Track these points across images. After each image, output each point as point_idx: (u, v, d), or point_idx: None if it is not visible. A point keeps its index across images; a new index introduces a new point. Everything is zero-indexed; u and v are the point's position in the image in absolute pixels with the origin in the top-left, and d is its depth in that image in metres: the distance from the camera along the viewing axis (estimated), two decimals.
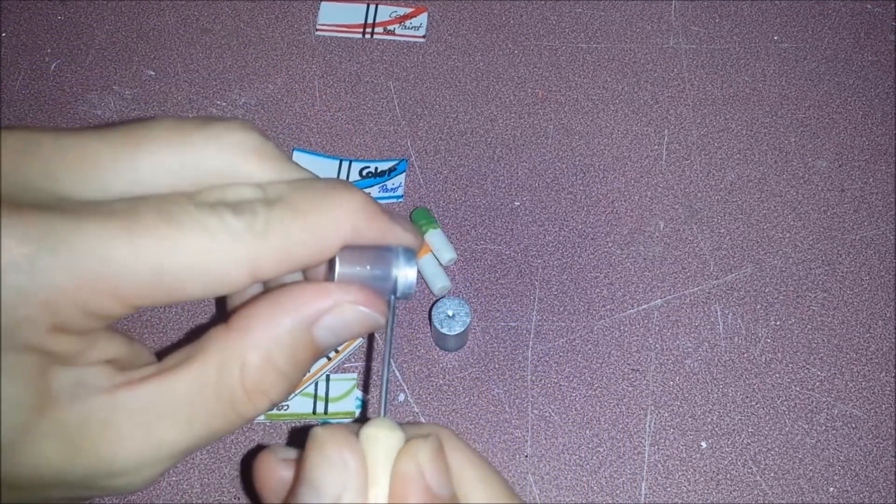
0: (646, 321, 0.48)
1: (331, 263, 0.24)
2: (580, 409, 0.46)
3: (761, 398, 0.46)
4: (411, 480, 0.23)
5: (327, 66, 0.55)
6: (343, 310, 0.23)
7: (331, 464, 0.22)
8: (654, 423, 0.45)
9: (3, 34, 0.56)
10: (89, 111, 0.54)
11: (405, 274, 0.25)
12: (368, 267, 0.25)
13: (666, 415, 0.46)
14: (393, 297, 0.25)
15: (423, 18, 0.57)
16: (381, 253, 0.25)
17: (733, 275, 0.49)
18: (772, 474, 0.44)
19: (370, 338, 0.47)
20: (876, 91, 0.55)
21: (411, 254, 0.26)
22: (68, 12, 0.57)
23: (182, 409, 0.22)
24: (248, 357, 0.23)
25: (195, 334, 0.48)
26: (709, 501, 0.44)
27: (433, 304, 0.45)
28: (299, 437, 0.45)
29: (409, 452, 0.23)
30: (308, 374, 0.46)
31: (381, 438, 0.24)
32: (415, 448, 0.24)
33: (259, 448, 0.45)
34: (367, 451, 0.24)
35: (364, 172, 0.51)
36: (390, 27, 0.56)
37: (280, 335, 0.23)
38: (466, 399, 0.46)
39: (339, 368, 0.47)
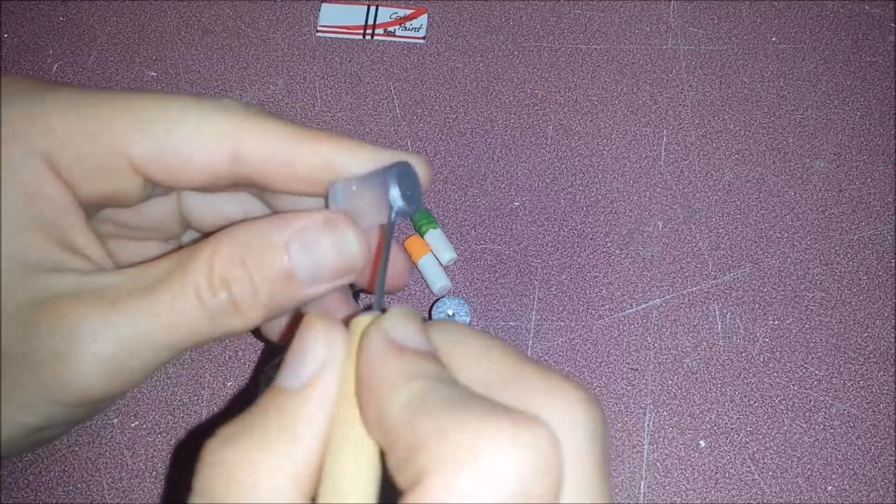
0: (644, 321, 0.48)
1: (325, 199, 0.25)
2: None
3: (760, 397, 0.46)
4: (374, 337, 0.21)
5: (328, 67, 0.56)
6: (314, 226, 0.23)
7: (316, 340, 0.21)
8: (653, 422, 0.46)
9: (5, 35, 0.57)
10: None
11: (392, 193, 0.24)
12: (359, 195, 0.24)
13: (665, 414, 0.46)
14: (391, 215, 0.24)
15: (423, 20, 0.57)
16: (371, 178, 0.24)
17: (732, 274, 0.49)
18: (770, 473, 0.45)
19: None
20: (875, 92, 0.55)
21: (402, 170, 0.24)
22: (70, 13, 0.58)
23: (144, 289, 0.22)
24: (220, 248, 0.23)
25: None
26: (707, 500, 0.44)
27: (433, 304, 0.45)
28: None
29: (376, 320, 0.22)
30: None
31: (367, 321, 0.22)
32: (381, 316, 0.22)
33: None
34: (352, 335, 0.22)
35: None
36: (390, 28, 0.57)
37: (254, 240, 0.23)
38: None
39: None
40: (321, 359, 0.21)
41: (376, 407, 0.19)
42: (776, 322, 0.48)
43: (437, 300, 0.45)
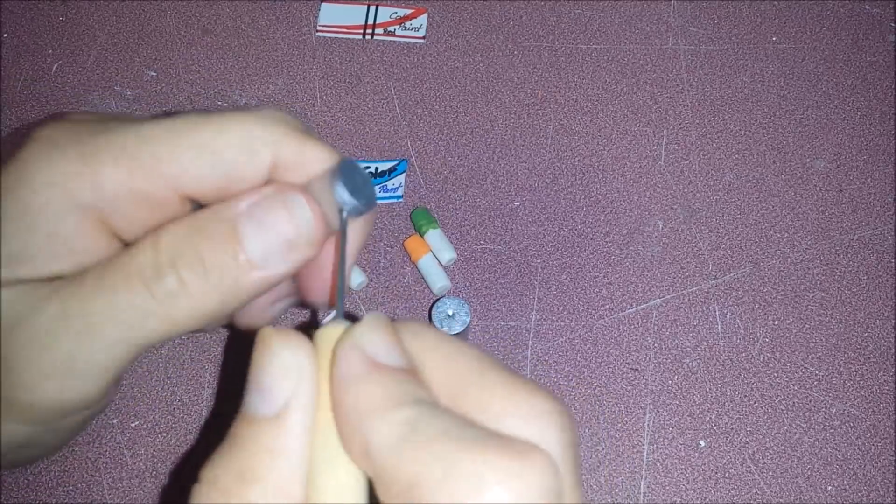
0: (644, 321, 0.48)
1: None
2: (579, 408, 0.46)
3: (760, 397, 0.46)
4: (349, 355, 0.20)
5: (328, 66, 0.56)
6: (266, 198, 0.22)
7: (279, 365, 0.20)
8: (653, 422, 0.46)
9: (5, 35, 0.57)
10: (91, 112, 0.54)
11: (339, 192, 0.22)
12: (319, 197, 0.23)
13: (665, 414, 0.46)
14: (342, 215, 0.23)
15: (423, 19, 0.57)
16: (319, 182, 0.23)
17: (732, 274, 0.49)
18: (770, 473, 0.45)
19: None
20: (875, 92, 0.55)
21: (344, 168, 0.23)
22: (69, 13, 0.57)
23: (90, 279, 0.21)
24: (168, 228, 0.22)
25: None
26: (707, 500, 0.44)
27: (433, 304, 0.45)
28: None
29: (347, 334, 0.20)
30: None
31: (335, 335, 0.21)
32: (352, 328, 0.21)
33: None
34: (319, 350, 0.20)
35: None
36: (390, 28, 0.57)
37: (203, 219, 0.22)
38: None
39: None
40: (290, 385, 0.20)
41: (361, 437, 0.18)
42: (776, 322, 0.48)
43: (437, 300, 0.45)
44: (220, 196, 0.23)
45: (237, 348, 0.47)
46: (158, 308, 0.21)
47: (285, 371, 0.20)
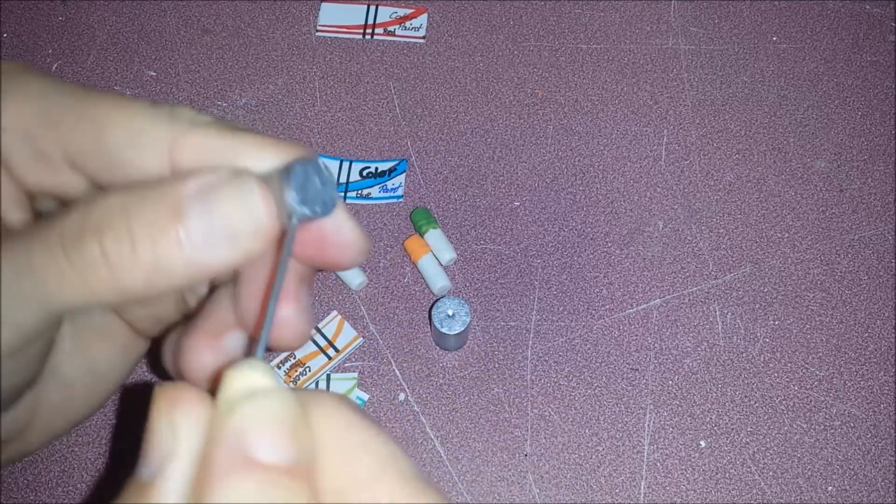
0: (645, 321, 0.48)
1: None
2: (580, 409, 0.46)
3: (760, 397, 0.46)
4: (222, 446, 0.17)
5: (328, 66, 0.55)
6: (211, 179, 0.20)
7: (157, 426, 0.19)
8: (654, 423, 0.46)
9: (4, 35, 0.57)
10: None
11: (289, 196, 0.20)
12: (274, 193, 0.21)
13: (665, 414, 0.46)
14: (290, 220, 0.20)
15: (423, 19, 0.57)
16: (270, 181, 0.21)
17: (732, 274, 0.49)
18: (770, 473, 0.45)
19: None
20: (875, 92, 0.55)
21: (298, 166, 0.20)
22: (69, 13, 0.57)
23: (10, 242, 0.20)
24: (106, 194, 0.20)
25: None
26: (708, 500, 0.44)
27: (433, 304, 0.45)
28: None
29: (233, 407, 0.18)
30: (309, 374, 0.46)
31: (239, 389, 0.18)
32: (244, 401, 0.18)
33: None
34: (221, 403, 0.18)
35: (364, 172, 0.52)
36: (390, 28, 0.57)
37: (147, 188, 0.20)
38: (466, 398, 0.46)
39: (340, 368, 0.47)
40: (166, 448, 0.18)
41: None
42: (776, 322, 0.48)
43: (437, 300, 0.45)
44: (112, 180, 0.22)
45: None
46: (75, 275, 0.19)
47: (161, 433, 0.18)
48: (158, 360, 0.26)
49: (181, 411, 0.19)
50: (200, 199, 0.19)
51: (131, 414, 0.46)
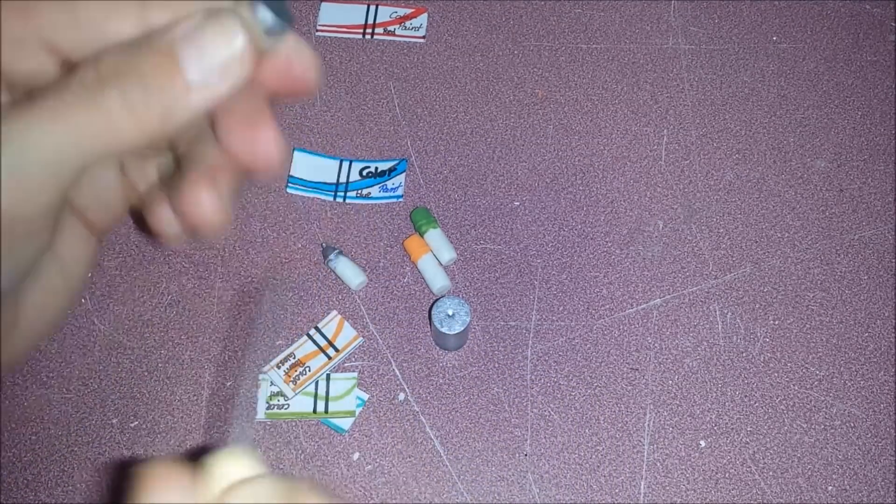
0: (645, 321, 0.48)
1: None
2: (579, 408, 0.46)
3: (760, 397, 0.46)
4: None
5: (328, 66, 0.55)
6: (195, 23, 0.22)
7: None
8: (654, 422, 0.46)
9: None
10: None
11: (262, 15, 0.23)
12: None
13: (665, 414, 0.46)
14: (269, 39, 0.24)
15: (423, 19, 0.57)
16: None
17: (732, 274, 0.49)
18: (770, 473, 0.45)
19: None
20: (875, 91, 0.55)
21: None
22: None
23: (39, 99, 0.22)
24: (105, 53, 0.22)
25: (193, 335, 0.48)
26: (708, 500, 0.44)
27: (433, 304, 0.45)
28: (290, 435, 0.45)
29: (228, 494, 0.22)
30: (308, 374, 0.46)
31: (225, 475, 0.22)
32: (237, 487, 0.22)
33: (258, 449, 0.45)
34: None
35: (364, 172, 0.52)
36: (390, 28, 0.57)
37: (137, 41, 0.22)
38: (466, 398, 0.46)
39: (340, 368, 0.47)
40: None
41: None
42: (776, 322, 0.48)
43: (437, 300, 0.45)
44: (89, 53, 0.24)
45: (236, 349, 0.47)
46: (103, 121, 0.22)
47: None
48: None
49: (165, 489, 0.21)
50: (191, 43, 0.22)
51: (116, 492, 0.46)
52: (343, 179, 0.51)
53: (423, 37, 0.56)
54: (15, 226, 0.22)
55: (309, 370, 0.46)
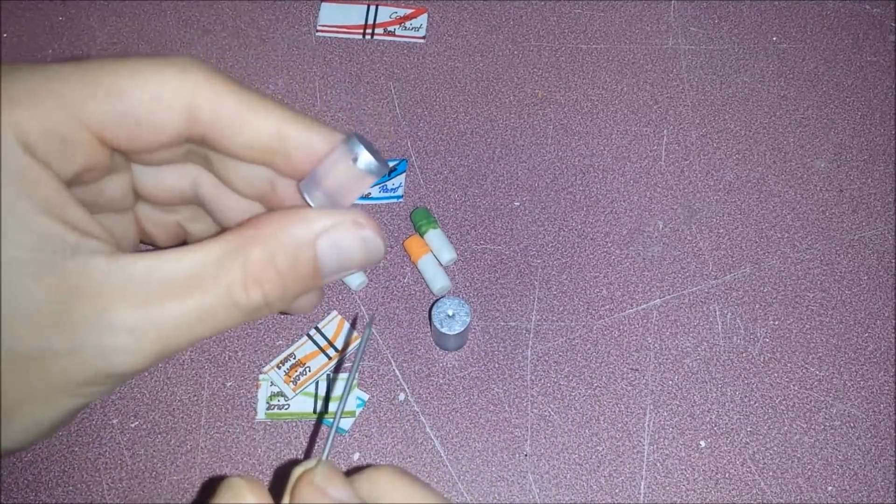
0: (645, 321, 0.48)
1: (301, 194, 0.26)
2: (579, 409, 0.46)
3: (760, 397, 0.46)
4: (305, 490, 0.25)
5: (328, 66, 0.56)
6: (344, 228, 0.24)
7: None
8: (654, 423, 0.46)
9: (4, 35, 0.57)
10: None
11: (360, 156, 0.25)
12: (328, 175, 0.25)
13: (665, 414, 0.46)
14: (358, 169, 0.25)
15: (423, 19, 0.57)
16: (334, 154, 0.25)
17: (732, 275, 0.49)
18: (770, 473, 0.45)
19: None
20: (875, 92, 0.55)
21: (352, 139, 0.25)
22: (69, 13, 0.57)
23: (180, 285, 0.23)
24: (253, 251, 0.24)
25: None
26: (708, 500, 0.44)
27: (433, 304, 0.45)
28: (290, 436, 0.45)
29: (305, 476, 0.26)
30: (309, 374, 0.46)
31: (298, 473, 0.26)
32: (310, 472, 0.26)
33: (258, 449, 0.45)
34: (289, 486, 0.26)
35: None
36: (390, 28, 0.57)
37: (285, 240, 0.24)
38: (466, 398, 0.46)
39: (345, 367, 0.47)
40: None
41: None
42: (776, 322, 0.48)
43: (437, 300, 0.45)
44: (134, 144, 0.25)
45: (237, 349, 0.47)
46: (240, 316, 0.24)
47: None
48: None
49: (243, 494, 0.25)
50: (332, 246, 0.24)
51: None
52: None
53: (423, 37, 0.56)
54: (114, 385, 0.24)
55: (309, 370, 0.46)
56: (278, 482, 0.44)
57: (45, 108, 0.23)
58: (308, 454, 0.45)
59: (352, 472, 0.28)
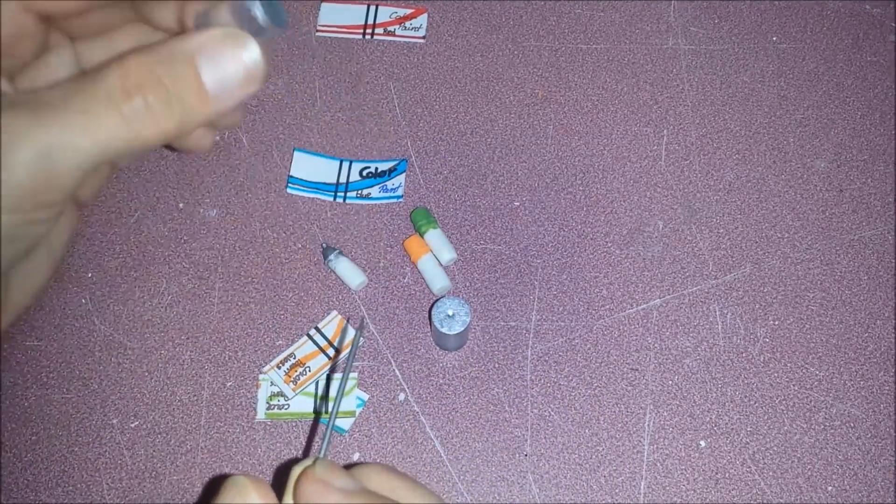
0: (645, 321, 0.48)
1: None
2: (579, 409, 0.46)
3: (760, 397, 0.46)
4: (309, 481, 0.27)
5: (328, 66, 0.55)
6: (221, 43, 0.25)
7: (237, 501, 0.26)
8: (654, 423, 0.46)
9: None
10: None
11: (253, 7, 0.25)
12: (220, 17, 0.26)
13: (665, 414, 0.46)
14: (263, 27, 0.25)
15: (423, 19, 0.57)
16: (232, 6, 0.26)
17: (732, 274, 0.49)
18: (770, 473, 0.45)
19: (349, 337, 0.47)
20: (875, 92, 0.55)
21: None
22: None
23: (66, 97, 0.24)
24: (130, 59, 0.24)
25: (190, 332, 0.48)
26: (707, 500, 0.44)
27: (433, 304, 0.45)
28: (289, 436, 0.45)
29: (306, 472, 0.28)
30: (309, 374, 0.46)
31: (299, 471, 0.27)
32: (310, 468, 0.27)
33: (258, 449, 0.45)
34: (290, 483, 0.27)
35: (364, 172, 0.52)
36: (390, 28, 0.57)
37: (161, 51, 0.25)
38: (466, 398, 0.46)
39: (340, 368, 0.47)
40: None
41: None
42: (776, 322, 0.48)
43: (437, 300, 0.45)
44: (68, 9, 0.27)
45: (237, 349, 0.47)
46: (126, 127, 0.24)
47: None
48: None
49: (249, 490, 0.26)
50: (210, 58, 0.25)
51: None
52: (343, 180, 0.51)
53: (423, 37, 0.56)
54: (38, 211, 0.25)
55: (309, 370, 0.46)
56: (279, 482, 0.44)
57: None
58: (306, 454, 0.45)
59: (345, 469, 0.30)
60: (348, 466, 0.29)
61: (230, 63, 0.25)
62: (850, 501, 0.44)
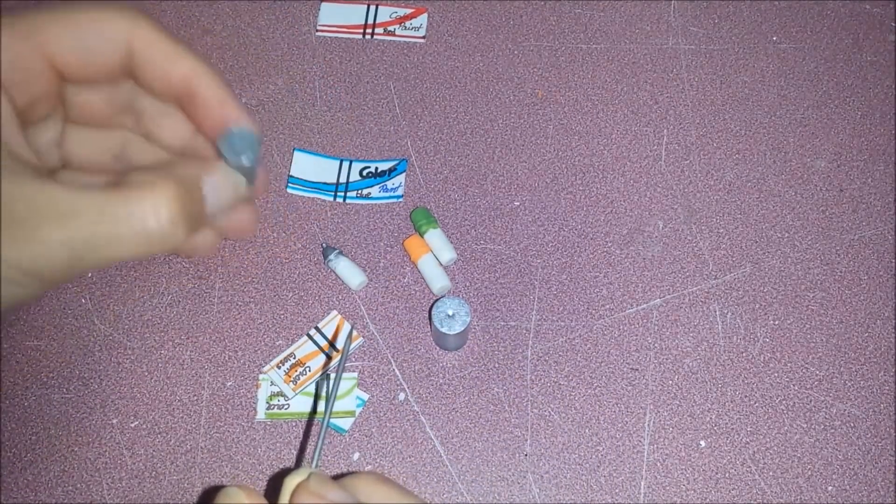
0: (645, 321, 0.48)
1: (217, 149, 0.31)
2: (579, 408, 0.46)
3: (760, 397, 0.46)
4: (304, 494, 0.29)
5: (328, 66, 0.55)
6: (217, 171, 0.30)
7: None
8: (654, 422, 0.46)
9: None
10: None
11: (228, 156, 0.30)
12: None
13: (665, 414, 0.46)
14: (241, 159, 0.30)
15: (423, 19, 0.57)
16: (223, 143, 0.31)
17: (732, 274, 0.49)
18: (770, 473, 0.45)
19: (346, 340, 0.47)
20: (875, 91, 0.55)
21: (230, 136, 0.30)
22: None
23: (93, 209, 0.26)
24: (163, 184, 0.27)
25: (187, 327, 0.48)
26: (708, 500, 0.44)
27: (433, 304, 0.45)
28: (287, 436, 0.45)
29: (302, 485, 0.30)
30: (309, 374, 0.46)
31: (295, 482, 0.29)
32: (305, 482, 0.30)
33: (258, 448, 0.45)
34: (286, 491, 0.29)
35: (364, 172, 0.52)
36: (390, 28, 0.57)
37: (186, 178, 0.28)
38: (466, 398, 0.46)
39: (332, 373, 0.47)
40: None
41: None
42: (777, 322, 0.48)
43: (437, 300, 0.45)
44: (83, 72, 0.30)
45: (237, 349, 0.47)
46: (145, 240, 0.27)
47: None
48: None
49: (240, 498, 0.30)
50: (213, 190, 0.29)
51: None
52: (343, 179, 0.51)
53: (423, 37, 0.56)
54: (44, 284, 0.27)
55: (309, 370, 0.46)
56: (272, 490, 0.44)
57: (11, 41, 0.27)
58: (300, 457, 0.45)
59: (338, 478, 0.31)
60: (343, 475, 0.30)
61: (224, 192, 0.30)
62: (850, 501, 0.44)
